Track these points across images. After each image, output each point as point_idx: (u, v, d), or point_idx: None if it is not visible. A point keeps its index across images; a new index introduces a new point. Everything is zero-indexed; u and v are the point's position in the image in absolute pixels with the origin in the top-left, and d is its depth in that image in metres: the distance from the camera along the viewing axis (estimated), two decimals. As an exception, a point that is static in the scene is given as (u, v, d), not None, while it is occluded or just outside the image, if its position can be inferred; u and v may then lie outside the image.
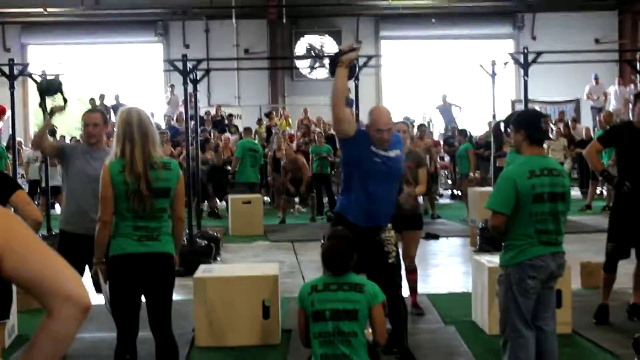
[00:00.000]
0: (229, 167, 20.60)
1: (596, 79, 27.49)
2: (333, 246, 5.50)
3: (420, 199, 9.92)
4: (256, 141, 21.20)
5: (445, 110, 27.79)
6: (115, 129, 5.87)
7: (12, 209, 6.19)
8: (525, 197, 5.72)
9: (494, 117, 15.83)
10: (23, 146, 23.58)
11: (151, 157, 5.70)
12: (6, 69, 13.25)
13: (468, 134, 20.82)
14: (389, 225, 7.11)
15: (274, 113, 28.03)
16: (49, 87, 8.10)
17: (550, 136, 5.55)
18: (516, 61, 14.16)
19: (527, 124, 5.98)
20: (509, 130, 6.12)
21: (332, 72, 6.85)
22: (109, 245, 5.79)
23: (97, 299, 5.60)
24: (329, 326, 5.30)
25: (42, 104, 8.35)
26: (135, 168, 5.63)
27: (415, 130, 19.96)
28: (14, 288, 6.36)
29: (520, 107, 17.08)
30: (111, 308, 5.90)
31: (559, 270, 5.92)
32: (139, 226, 5.70)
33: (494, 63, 15.67)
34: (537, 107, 27.70)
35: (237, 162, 19.25)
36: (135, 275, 5.73)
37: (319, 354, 5.32)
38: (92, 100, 26.75)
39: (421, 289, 9.84)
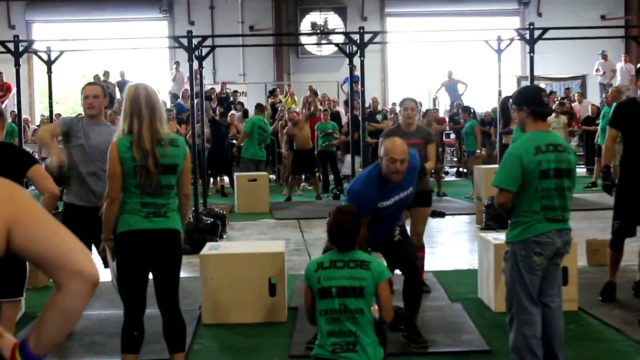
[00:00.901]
0: (234, 142, 20.59)
1: (604, 55, 27.37)
2: (339, 221, 5.52)
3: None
4: (266, 120, 21.11)
5: (451, 87, 27.69)
6: (122, 105, 5.86)
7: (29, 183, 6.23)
8: (531, 174, 5.70)
9: (499, 93, 15.76)
10: (29, 124, 23.57)
11: (158, 133, 5.70)
12: (11, 46, 13.23)
13: (472, 111, 20.74)
14: None
15: (279, 90, 27.97)
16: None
17: (553, 110, 5.54)
18: (522, 37, 14.09)
19: (529, 100, 5.95)
20: (513, 108, 6.08)
21: None
22: (116, 222, 5.80)
23: (104, 276, 5.59)
24: (335, 303, 5.33)
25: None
26: (143, 144, 5.63)
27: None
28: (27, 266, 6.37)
29: (526, 83, 17.01)
30: (118, 285, 5.90)
31: (564, 247, 5.90)
32: (147, 202, 5.70)
33: (499, 39, 15.59)
34: (543, 84, 27.72)
35: (245, 137, 19.16)
36: (142, 251, 5.74)
37: (325, 330, 5.34)
38: (96, 77, 26.72)
39: (427, 266, 9.86)
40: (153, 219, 5.71)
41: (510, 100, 6.37)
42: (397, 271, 7.36)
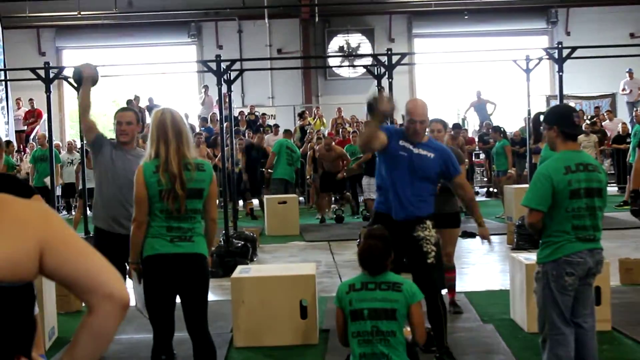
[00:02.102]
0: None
1: (630, 73, 27.27)
2: (369, 246, 5.51)
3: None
4: (293, 142, 21.17)
5: (480, 107, 27.64)
6: (149, 130, 5.89)
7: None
8: (562, 193, 5.68)
9: (529, 113, 15.71)
10: (60, 149, 23.75)
11: (185, 157, 5.73)
12: (42, 73, 13.36)
13: (503, 130, 20.68)
14: (428, 223, 7.09)
15: (307, 113, 28.04)
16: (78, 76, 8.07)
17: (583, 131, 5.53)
18: (551, 56, 14.07)
19: (560, 119, 5.92)
20: (544, 126, 6.06)
21: (370, 111, 6.91)
22: (143, 246, 5.82)
23: (133, 301, 5.65)
24: (367, 325, 5.33)
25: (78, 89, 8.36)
26: (170, 168, 5.66)
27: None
28: (49, 298, 6.36)
29: (555, 103, 16.96)
30: (147, 308, 5.92)
31: (596, 266, 5.86)
32: (172, 227, 5.72)
33: (528, 59, 15.55)
34: (572, 103, 27.57)
35: (274, 157, 19.26)
36: (168, 275, 5.74)
37: (357, 353, 5.33)
38: (129, 102, 26.91)
39: (459, 287, 9.80)
40: (178, 243, 5.72)
41: (542, 117, 6.34)
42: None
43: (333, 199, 20.69)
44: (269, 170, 19.51)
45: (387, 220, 6.90)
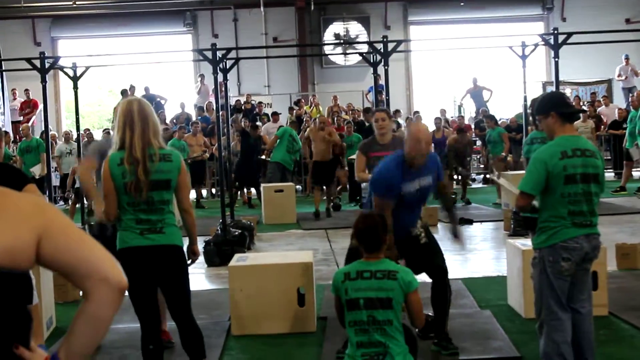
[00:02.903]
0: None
1: (626, 58, 27.29)
2: (365, 218, 5.52)
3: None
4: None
5: (476, 94, 27.63)
6: (115, 119, 5.92)
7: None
8: (557, 178, 5.70)
9: (525, 99, 15.73)
10: (57, 140, 23.73)
11: (150, 145, 5.72)
12: (37, 63, 13.34)
13: (495, 119, 20.69)
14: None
15: (303, 101, 28.01)
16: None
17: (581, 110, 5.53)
18: (546, 43, 14.07)
19: (555, 104, 5.94)
20: (537, 118, 6.07)
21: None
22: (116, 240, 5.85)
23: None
24: (363, 315, 5.30)
25: None
26: (134, 152, 5.66)
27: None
28: (47, 288, 6.38)
29: (551, 89, 16.95)
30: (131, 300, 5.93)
31: (593, 252, 5.88)
32: (141, 219, 5.74)
33: (524, 45, 15.55)
34: (568, 89, 27.64)
35: (276, 141, 19.36)
36: (142, 267, 5.76)
37: (354, 341, 5.33)
38: (124, 92, 26.91)
39: (456, 273, 9.83)
40: (148, 236, 5.74)
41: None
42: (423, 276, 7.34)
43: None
44: (269, 152, 19.53)
45: None
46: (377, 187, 6.87)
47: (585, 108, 23.56)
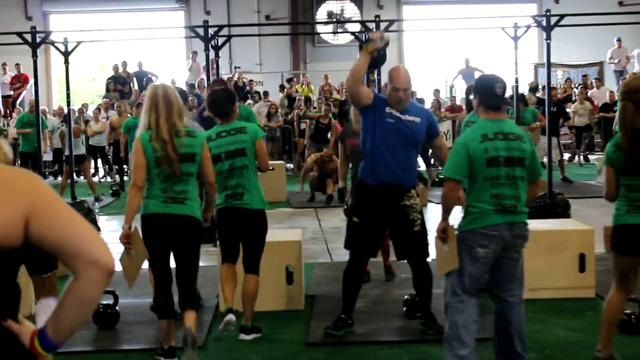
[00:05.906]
0: None
1: (619, 41, 27.31)
2: (216, 93, 7.38)
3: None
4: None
5: (468, 74, 27.59)
6: (144, 103, 6.51)
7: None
8: (479, 162, 5.69)
9: (516, 81, 15.69)
10: (47, 114, 23.66)
11: (175, 125, 6.29)
12: (28, 37, 13.27)
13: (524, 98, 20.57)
14: (413, 192, 7.18)
15: (295, 80, 27.99)
16: None
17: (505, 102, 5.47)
18: (539, 24, 14.03)
19: (482, 90, 5.96)
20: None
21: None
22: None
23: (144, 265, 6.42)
24: (225, 165, 7.15)
25: None
26: (161, 134, 6.25)
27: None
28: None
29: (543, 70, 16.94)
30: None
31: (514, 240, 5.82)
32: (167, 189, 6.39)
33: (516, 26, 15.51)
34: (560, 71, 27.63)
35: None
36: (159, 233, 6.43)
37: (221, 186, 7.18)
38: (115, 67, 26.87)
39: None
40: (170, 205, 6.35)
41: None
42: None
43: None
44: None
45: (372, 190, 7.01)
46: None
47: (578, 93, 23.50)
